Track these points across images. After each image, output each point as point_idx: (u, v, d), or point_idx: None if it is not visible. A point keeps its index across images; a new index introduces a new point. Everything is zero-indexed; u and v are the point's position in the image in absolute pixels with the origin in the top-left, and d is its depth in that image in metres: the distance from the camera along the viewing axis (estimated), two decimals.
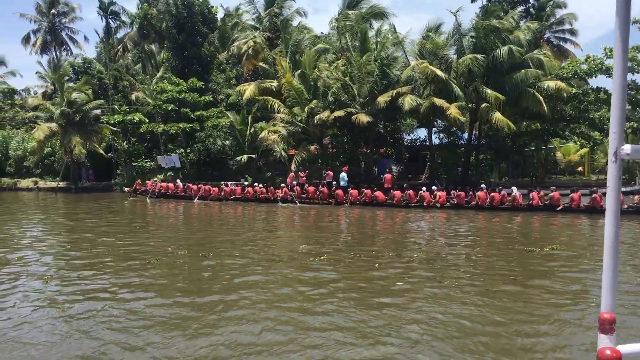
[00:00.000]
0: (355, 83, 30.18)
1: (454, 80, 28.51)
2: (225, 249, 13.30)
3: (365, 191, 25.63)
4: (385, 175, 28.43)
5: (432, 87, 29.46)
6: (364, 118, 28.17)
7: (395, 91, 28.79)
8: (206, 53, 39.80)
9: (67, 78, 55.21)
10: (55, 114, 36.62)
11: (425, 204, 24.03)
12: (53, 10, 53.32)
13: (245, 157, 33.57)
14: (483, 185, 24.51)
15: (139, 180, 36.00)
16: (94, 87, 40.27)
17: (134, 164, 38.91)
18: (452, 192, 24.97)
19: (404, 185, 26.32)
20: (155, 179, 35.55)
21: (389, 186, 26.78)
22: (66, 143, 36.67)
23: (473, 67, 27.14)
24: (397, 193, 24.86)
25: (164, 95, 34.98)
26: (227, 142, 35.47)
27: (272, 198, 27.76)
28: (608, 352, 1.88)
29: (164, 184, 32.57)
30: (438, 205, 23.85)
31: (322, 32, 42.80)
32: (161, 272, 10.53)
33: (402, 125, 33.51)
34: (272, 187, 28.85)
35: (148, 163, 38.22)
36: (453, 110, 26.58)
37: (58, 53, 56.28)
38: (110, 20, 42.80)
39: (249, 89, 36.30)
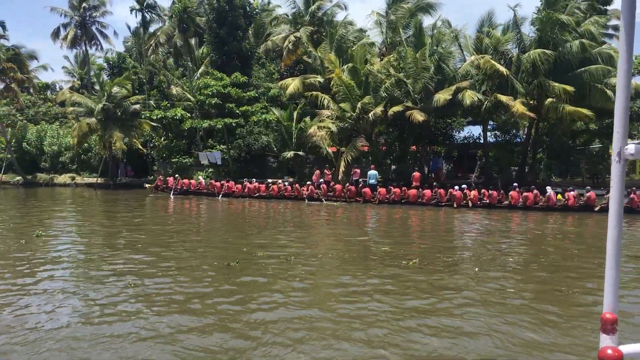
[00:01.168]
0: (409, 78, 29.28)
1: (514, 76, 27.58)
2: (301, 249, 12.96)
3: (394, 189, 25.49)
4: (414, 173, 28.10)
5: (489, 83, 28.60)
6: (419, 116, 27.23)
7: (454, 86, 27.90)
8: (247, 47, 39.01)
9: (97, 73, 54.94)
10: (96, 109, 35.92)
11: (455, 204, 23.78)
12: (84, 4, 52.59)
13: (291, 153, 32.73)
14: (548, 187, 23.56)
15: (160, 176, 35.46)
16: (133, 83, 39.57)
17: (172, 160, 38.27)
18: (484, 191, 24.47)
19: (433, 184, 26.30)
20: (198, 176, 34.93)
21: (418, 184, 26.51)
22: (107, 139, 35.97)
23: (538, 62, 26.13)
24: (427, 192, 24.81)
25: (209, 90, 34.19)
26: (272, 138, 34.67)
27: (297, 196, 27.57)
28: (609, 351, 1.91)
29: (185, 181, 32.12)
30: (470, 204, 23.65)
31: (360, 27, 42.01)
32: (260, 273, 10.04)
33: (454, 123, 32.52)
34: (297, 185, 28.47)
35: (186, 160, 37.50)
36: (519, 106, 25.63)
37: (88, 48, 55.57)
38: (146, 15, 41.84)
39: (292, 84, 35.57)
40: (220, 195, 29.39)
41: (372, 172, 27.87)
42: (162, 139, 40.54)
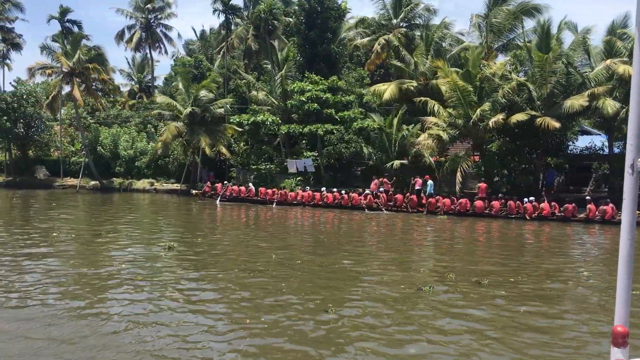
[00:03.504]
0: (534, 83, 27.36)
1: None
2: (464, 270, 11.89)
3: (461, 200, 25.22)
4: (480, 184, 27.08)
5: (622, 89, 26.64)
6: (553, 123, 25.31)
7: (588, 92, 25.93)
8: (335, 50, 37.41)
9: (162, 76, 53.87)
10: (183, 113, 34.54)
11: (528, 216, 23.63)
12: (149, 5, 51.58)
13: (397, 162, 30.90)
14: None
15: (208, 182, 34.72)
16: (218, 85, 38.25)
17: (252, 167, 36.72)
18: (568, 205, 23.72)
19: (499, 195, 26.00)
20: (285, 184, 33.32)
21: (483, 195, 25.96)
22: (193, 143, 34.57)
23: None
24: (496, 203, 24.56)
25: (305, 95, 32.56)
26: (368, 146, 32.99)
27: (352, 205, 27.41)
28: None
29: (235, 187, 31.68)
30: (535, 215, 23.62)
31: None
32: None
33: (570, 132, 30.48)
34: (355, 194, 28.11)
35: (268, 166, 35.88)
36: None
37: (152, 50, 54.61)
38: (229, 17, 40.43)
39: (388, 90, 33.91)
40: (275, 203, 29.18)
41: (430, 182, 27.84)
42: (242, 145, 39.09)
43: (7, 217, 22.85)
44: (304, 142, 36.57)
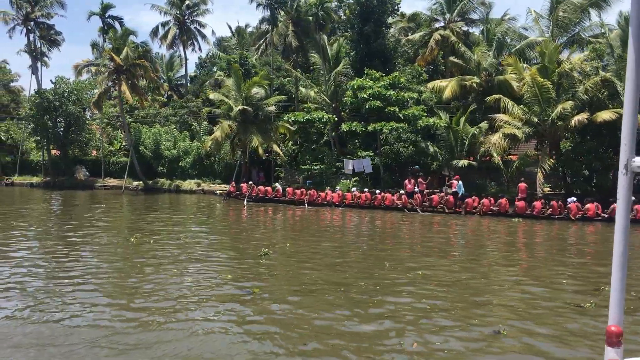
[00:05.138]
0: (622, 79, 25.88)
1: None
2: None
3: (500, 200, 24.60)
4: (519, 184, 25.98)
5: None
6: None
7: None
8: (390, 46, 36.01)
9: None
10: (234, 111, 33.21)
11: (572, 217, 22.74)
12: (188, 1, 50.25)
13: (464, 162, 29.51)
14: None
15: (233, 182, 33.78)
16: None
17: (302, 167, 35.43)
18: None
19: (539, 196, 25.22)
20: (341, 185, 31.96)
21: (524, 196, 25.12)
22: (247, 142, 33.26)
23: None
24: (538, 204, 23.89)
25: (365, 92, 31.16)
26: (434, 145, 31.61)
27: (385, 205, 26.73)
28: None
29: (261, 188, 30.94)
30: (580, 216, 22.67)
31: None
32: None
33: None
34: (388, 194, 27.36)
35: (320, 166, 34.52)
36: None
37: (185, 48, 53.28)
38: (274, 11, 39.01)
39: (449, 86, 32.49)
40: (307, 204, 28.56)
41: (460, 183, 27.10)
42: (291, 144, 37.79)
43: (85, 219, 21.62)
44: (356, 141, 35.25)
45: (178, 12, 51.67)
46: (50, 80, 43.56)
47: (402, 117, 30.76)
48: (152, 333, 7.57)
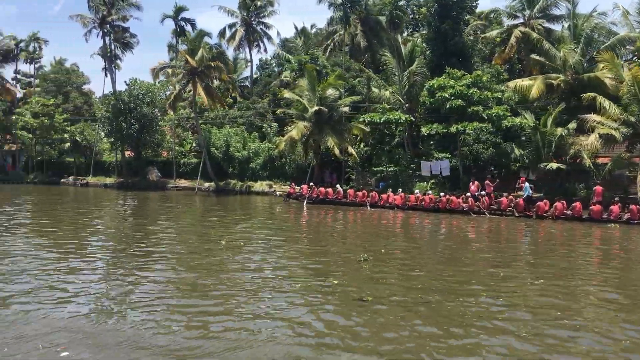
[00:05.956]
0: None
1: None
2: None
3: (574, 204, 23.71)
4: (595, 187, 24.93)
5: None
6: None
7: None
8: (469, 44, 34.76)
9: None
10: (309, 112, 32.74)
11: None
12: (258, 2, 50.20)
13: (553, 164, 28.00)
14: None
15: (293, 184, 33.35)
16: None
17: (374, 168, 34.59)
18: None
19: (615, 199, 23.91)
20: (418, 188, 30.93)
21: (599, 199, 24.20)
22: (322, 143, 32.75)
23: None
24: (615, 208, 23.06)
25: (448, 91, 30.07)
26: (518, 147, 30.23)
27: (450, 208, 26.27)
28: None
29: (322, 189, 30.42)
30: None
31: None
32: None
33: None
34: (453, 197, 26.91)
35: (394, 168, 33.58)
36: None
37: (251, 49, 53.36)
38: (347, 10, 38.41)
39: (535, 85, 30.99)
40: (369, 205, 28.17)
41: (527, 184, 26.43)
42: (362, 145, 37.01)
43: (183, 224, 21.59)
44: (431, 142, 34.16)
45: (246, 14, 51.76)
46: (125, 82, 44.38)
47: (485, 117, 29.50)
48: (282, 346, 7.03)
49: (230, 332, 7.77)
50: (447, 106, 30.14)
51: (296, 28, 55.34)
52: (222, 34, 52.90)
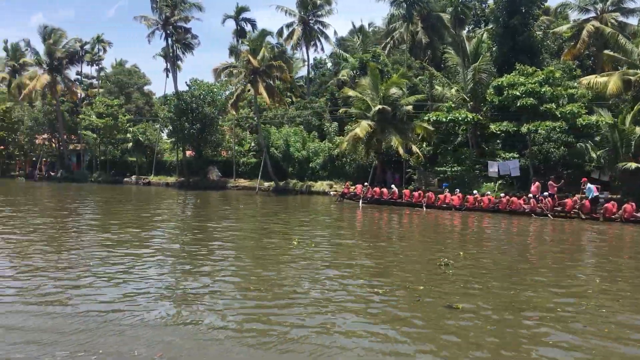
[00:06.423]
0: None
1: None
2: None
3: None
4: None
5: None
6: None
7: None
8: (539, 39, 33.45)
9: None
10: (372, 111, 32.23)
11: None
12: (318, 1, 49.87)
13: (632, 165, 26.50)
14: None
15: (348, 183, 32.99)
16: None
17: (437, 168, 33.69)
18: None
19: None
20: (485, 188, 29.90)
21: None
22: (386, 142, 32.19)
23: None
24: None
25: (519, 89, 28.96)
26: (591, 146, 28.82)
27: (510, 209, 25.68)
28: None
29: (377, 189, 29.94)
30: None
31: None
32: None
33: None
34: (514, 198, 26.15)
35: (458, 168, 32.58)
36: None
37: (308, 48, 53.11)
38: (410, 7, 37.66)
39: (612, 81, 29.45)
40: (425, 206, 27.81)
41: (590, 185, 25.33)
42: (425, 145, 36.17)
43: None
44: (498, 141, 33.03)
45: (303, 13, 51.58)
46: (186, 83, 45.05)
47: (558, 116, 28.24)
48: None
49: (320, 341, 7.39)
50: (518, 104, 28.99)
51: (354, 26, 54.84)
52: (279, 33, 52.87)
